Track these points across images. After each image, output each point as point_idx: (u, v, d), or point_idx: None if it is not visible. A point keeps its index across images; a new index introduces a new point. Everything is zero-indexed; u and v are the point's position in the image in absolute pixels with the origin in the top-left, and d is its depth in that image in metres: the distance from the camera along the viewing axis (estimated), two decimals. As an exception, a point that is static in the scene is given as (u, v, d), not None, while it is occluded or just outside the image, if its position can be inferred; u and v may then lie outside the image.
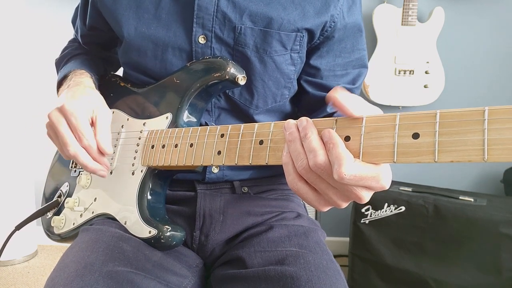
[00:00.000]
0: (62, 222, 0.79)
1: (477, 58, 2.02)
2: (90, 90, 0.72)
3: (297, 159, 0.45)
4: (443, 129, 0.37)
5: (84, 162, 0.64)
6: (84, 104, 0.66)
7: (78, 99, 0.67)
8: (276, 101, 0.75)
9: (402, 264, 1.56)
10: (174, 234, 0.64)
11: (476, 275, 1.43)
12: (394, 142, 0.40)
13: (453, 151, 0.36)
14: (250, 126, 0.53)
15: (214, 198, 0.74)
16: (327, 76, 0.75)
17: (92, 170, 0.65)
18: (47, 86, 2.17)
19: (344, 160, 0.40)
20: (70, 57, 0.87)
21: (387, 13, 1.89)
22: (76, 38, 0.93)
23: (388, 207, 1.60)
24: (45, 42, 2.12)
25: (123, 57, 0.78)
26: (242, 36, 0.68)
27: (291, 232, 0.70)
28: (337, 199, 0.45)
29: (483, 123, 0.35)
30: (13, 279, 1.91)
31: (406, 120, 0.40)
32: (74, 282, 0.53)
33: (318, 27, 0.70)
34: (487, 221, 1.42)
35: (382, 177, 0.41)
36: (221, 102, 0.74)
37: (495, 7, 1.97)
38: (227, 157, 0.55)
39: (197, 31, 0.69)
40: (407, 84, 1.91)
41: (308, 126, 0.45)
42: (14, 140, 2.00)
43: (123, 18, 0.72)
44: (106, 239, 0.63)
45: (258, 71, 0.71)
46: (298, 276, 0.58)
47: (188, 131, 0.62)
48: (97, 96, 0.72)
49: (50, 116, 0.66)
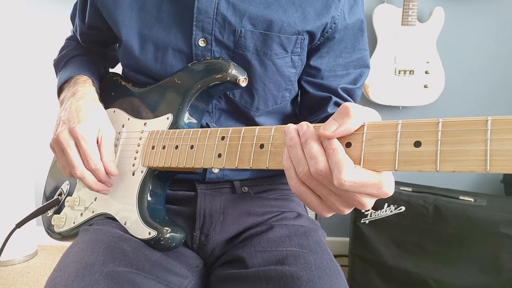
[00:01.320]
0: (62, 221, 0.79)
1: (477, 58, 2.02)
2: (95, 105, 0.73)
3: (298, 165, 0.45)
4: (445, 138, 0.37)
5: (89, 183, 0.66)
6: (92, 126, 0.67)
7: (86, 120, 0.67)
8: (276, 103, 0.75)
9: (402, 264, 1.56)
10: (173, 235, 0.64)
11: (476, 275, 1.43)
12: (395, 150, 0.39)
13: (455, 160, 0.36)
14: (251, 129, 0.53)
15: (214, 198, 0.74)
16: (328, 77, 0.75)
17: (97, 190, 0.67)
18: (47, 86, 2.17)
19: (343, 166, 0.40)
20: (69, 58, 0.86)
21: (387, 13, 1.89)
22: (74, 35, 0.93)
23: (388, 207, 1.60)
24: (45, 42, 2.12)
25: (123, 59, 0.78)
26: (242, 39, 0.68)
27: (291, 232, 0.70)
28: (339, 205, 0.45)
29: (485, 133, 0.35)
30: (13, 279, 1.91)
31: (408, 128, 0.39)
32: (75, 282, 0.53)
33: (319, 28, 0.70)
34: (487, 221, 1.42)
35: (384, 184, 0.41)
36: (221, 103, 0.74)
37: (495, 7, 1.97)
38: (227, 160, 0.55)
39: (197, 34, 0.69)
40: (407, 84, 1.91)
41: (309, 131, 0.45)
42: (14, 139, 2.00)
43: (125, 19, 0.72)
44: (106, 239, 0.62)
45: (259, 74, 0.70)
46: (298, 276, 0.58)
47: (189, 133, 0.62)
48: (102, 112, 0.73)
49: (59, 136, 0.66)
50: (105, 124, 0.71)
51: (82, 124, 0.66)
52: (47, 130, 2.18)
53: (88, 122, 0.67)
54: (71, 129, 0.66)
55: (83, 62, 0.84)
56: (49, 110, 2.18)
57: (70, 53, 0.88)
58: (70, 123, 0.67)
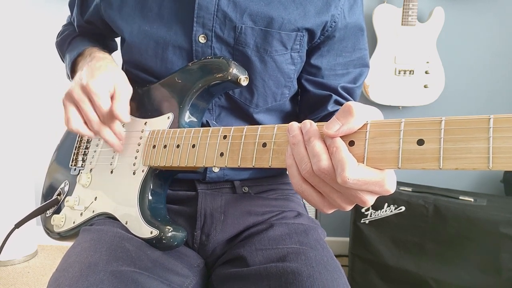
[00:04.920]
0: (62, 221, 0.79)
1: (477, 58, 2.03)
2: (113, 66, 0.74)
3: (301, 163, 0.45)
4: (448, 136, 0.37)
5: (105, 137, 0.68)
6: (106, 81, 0.68)
7: (99, 76, 0.68)
8: (276, 100, 0.75)
9: (402, 264, 1.57)
10: (175, 234, 0.64)
11: (476, 275, 1.43)
12: (399, 148, 0.40)
13: (458, 158, 0.36)
14: (253, 128, 0.53)
15: (215, 197, 0.74)
16: (328, 75, 0.75)
17: (112, 144, 0.69)
18: (48, 87, 2.17)
19: (347, 164, 0.40)
20: (74, 37, 0.87)
21: (387, 13, 1.90)
22: (71, 22, 0.92)
23: (388, 207, 1.60)
24: (45, 43, 2.12)
25: (124, 55, 0.79)
26: (242, 35, 0.68)
27: (291, 230, 0.70)
28: (341, 202, 0.45)
29: (488, 131, 0.35)
30: (13, 279, 1.90)
31: (411, 126, 0.40)
32: (79, 282, 0.53)
33: (319, 26, 0.70)
34: (487, 221, 1.42)
35: (386, 182, 0.41)
36: (221, 101, 0.74)
37: (495, 7, 1.97)
38: (229, 159, 0.55)
39: (198, 30, 0.69)
40: (407, 84, 1.91)
41: (312, 130, 0.45)
42: (14, 140, 2.00)
43: (129, 18, 0.72)
44: (108, 239, 0.62)
45: (259, 71, 0.71)
46: (299, 271, 0.58)
47: (190, 132, 0.62)
48: (119, 71, 0.73)
49: (73, 91, 0.67)
50: (122, 80, 0.71)
51: (96, 79, 0.67)
52: (47, 130, 2.18)
53: (102, 78, 0.68)
54: (84, 86, 0.66)
55: (91, 37, 0.86)
56: (49, 111, 2.18)
57: (73, 34, 0.88)
58: (83, 80, 0.67)
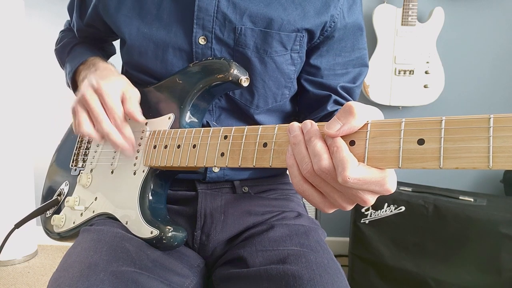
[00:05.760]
0: (62, 221, 0.79)
1: (477, 58, 2.03)
2: (118, 74, 0.74)
3: (301, 163, 0.45)
4: (448, 136, 0.37)
5: (114, 140, 0.66)
6: (116, 85, 0.68)
7: (110, 80, 0.68)
8: (276, 101, 0.75)
9: (402, 264, 1.57)
10: (175, 234, 0.64)
11: (476, 275, 1.43)
12: (399, 147, 0.40)
13: (458, 157, 0.37)
14: (254, 128, 0.53)
15: (215, 197, 0.74)
16: (327, 75, 0.75)
17: (121, 148, 0.67)
18: (48, 87, 2.17)
19: (348, 163, 0.40)
20: (74, 45, 0.87)
21: (387, 13, 1.90)
22: (70, 28, 0.92)
23: (388, 207, 1.60)
24: (45, 43, 2.12)
25: (124, 57, 0.78)
26: (242, 37, 0.68)
27: (292, 231, 0.70)
28: (342, 202, 0.45)
29: (488, 131, 0.35)
30: (13, 279, 1.90)
31: (412, 126, 0.40)
32: (80, 282, 0.53)
33: (318, 27, 0.70)
34: (487, 221, 1.42)
35: (387, 181, 0.41)
36: (222, 102, 0.74)
37: (495, 7, 1.98)
38: (230, 159, 0.55)
39: (197, 32, 0.69)
40: (407, 84, 1.91)
41: (313, 129, 0.45)
42: (14, 140, 2.00)
43: (127, 19, 0.72)
44: (108, 239, 0.62)
45: (259, 72, 0.71)
46: (300, 275, 0.58)
47: (191, 132, 0.62)
48: (125, 79, 0.73)
49: (85, 93, 0.66)
50: (129, 86, 0.71)
51: (107, 81, 0.67)
52: (47, 130, 2.18)
53: (112, 81, 0.68)
54: (95, 87, 0.66)
55: (91, 45, 0.86)
56: (49, 111, 2.19)
57: (73, 41, 0.88)
58: (93, 83, 0.67)
